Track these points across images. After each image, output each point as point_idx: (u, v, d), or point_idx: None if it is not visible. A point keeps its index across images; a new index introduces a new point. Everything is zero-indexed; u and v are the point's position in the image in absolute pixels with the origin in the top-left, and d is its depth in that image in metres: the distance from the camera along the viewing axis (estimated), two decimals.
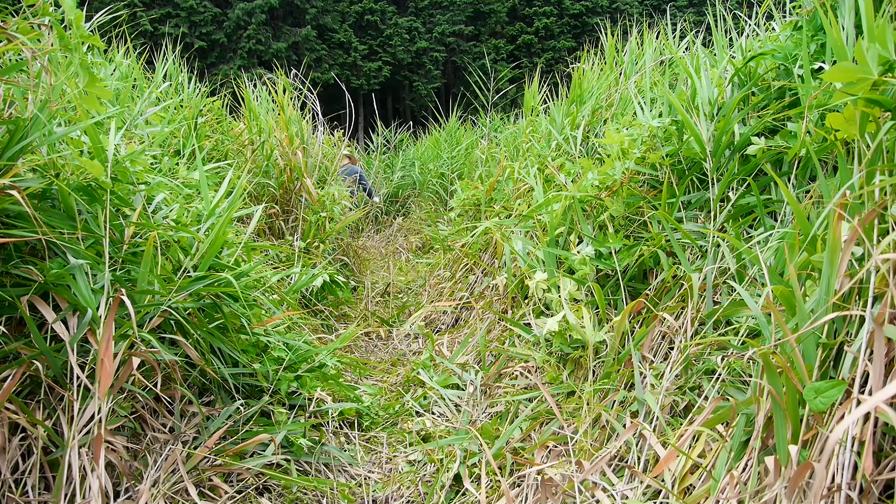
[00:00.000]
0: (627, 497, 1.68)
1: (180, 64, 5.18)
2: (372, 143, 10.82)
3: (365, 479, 2.40)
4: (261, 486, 2.21)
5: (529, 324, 2.79)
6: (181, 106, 4.42)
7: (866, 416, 1.17)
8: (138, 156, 2.41)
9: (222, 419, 2.29)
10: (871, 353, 1.21)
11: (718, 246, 2.17)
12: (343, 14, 25.47)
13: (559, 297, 2.52)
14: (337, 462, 2.47)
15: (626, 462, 1.82)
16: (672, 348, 2.13)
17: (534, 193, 3.55)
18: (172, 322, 2.15)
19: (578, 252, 2.63)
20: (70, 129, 2.10)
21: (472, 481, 2.14)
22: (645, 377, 2.04)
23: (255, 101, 5.65)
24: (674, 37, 4.09)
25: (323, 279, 4.08)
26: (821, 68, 2.24)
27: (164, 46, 5.01)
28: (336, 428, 2.75)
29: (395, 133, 10.61)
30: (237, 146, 5.20)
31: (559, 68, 7.39)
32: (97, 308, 1.86)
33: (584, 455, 1.95)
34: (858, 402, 1.19)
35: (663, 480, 1.62)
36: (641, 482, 1.69)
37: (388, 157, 9.95)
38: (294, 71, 6.60)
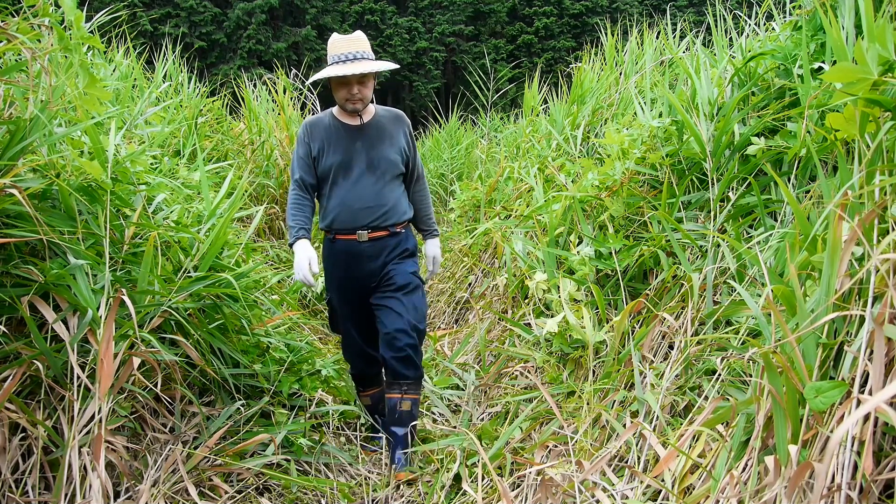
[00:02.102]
0: (627, 497, 1.68)
1: (180, 64, 5.18)
2: None
3: (365, 479, 2.40)
4: (261, 486, 2.21)
5: (529, 324, 2.79)
6: (181, 106, 4.42)
7: (866, 416, 1.17)
8: (138, 156, 2.41)
9: (223, 419, 2.29)
10: (871, 352, 1.21)
11: (718, 246, 2.17)
12: (343, 14, 25.48)
13: (559, 297, 2.52)
14: (337, 462, 2.47)
15: (626, 462, 1.82)
16: (672, 348, 2.13)
17: (534, 193, 3.55)
18: (173, 322, 2.15)
19: (578, 252, 2.64)
20: (70, 129, 2.10)
21: (471, 482, 2.14)
22: (645, 377, 2.04)
23: (255, 101, 5.65)
24: (674, 37, 4.09)
25: (322, 285, 4.07)
26: (821, 68, 2.24)
27: (164, 46, 5.02)
28: (336, 428, 2.75)
29: None
30: (237, 146, 5.20)
31: (559, 68, 7.38)
32: (97, 308, 1.86)
33: (584, 455, 1.95)
34: (858, 402, 1.19)
35: (663, 480, 1.62)
36: (641, 482, 1.69)
37: None
38: (294, 71, 6.60)
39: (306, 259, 2.41)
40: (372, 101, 2.56)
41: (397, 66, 2.56)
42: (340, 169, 2.49)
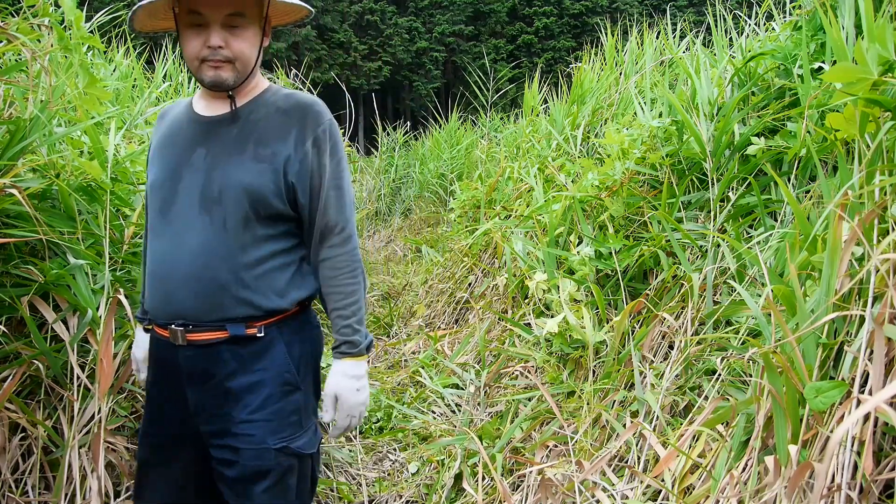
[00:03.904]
0: (627, 497, 1.68)
1: (180, 64, 5.18)
2: (373, 143, 10.85)
3: (365, 479, 2.40)
4: None
5: (529, 324, 2.79)
6: None
7: (866, 416, 1.17)
8: (138, 156, 2.41)
9: None
10: (871, 352, 1.21)
11: (718, 246, 2.18)
12: (343, 14, 25.52)
13: (559, 297, 2.52)
14: (337, 462, 2.47)
15: (626, 462, 1.82)
16: (672, 348, 2.13)
17: (534, 193, 3.55)
18: None
19: (578, 252, 2.64)
20: (70, 129, 2.10)
21: (472, 482, 2.14)
22: (645, 377, 2.04)
23: None
24: (674, 37, 4.09)
25: None
26: (821, 68, 2.24)
27: (164, 46, 5.01)
28: None
29: (396, 133, 10.63)
30: None
31: (559, 68, 7.38)
32: (97, 308, 1.86)
33: (585, 455, 1.95)
34: (858, 402, 1.19)
35: (663, 480, 1.62)
36: (641, 482, 1.69)
37: (389, 158, 9.99)
38: (294, 71, 6.59)
39: (134, 362, 1.56)
40: (277, 81, 1.53)
41: (307, 9, 1.43)
42: (157, 198, 1.37)
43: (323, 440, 1.37)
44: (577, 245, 2.74)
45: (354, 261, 1.40)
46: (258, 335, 1.35)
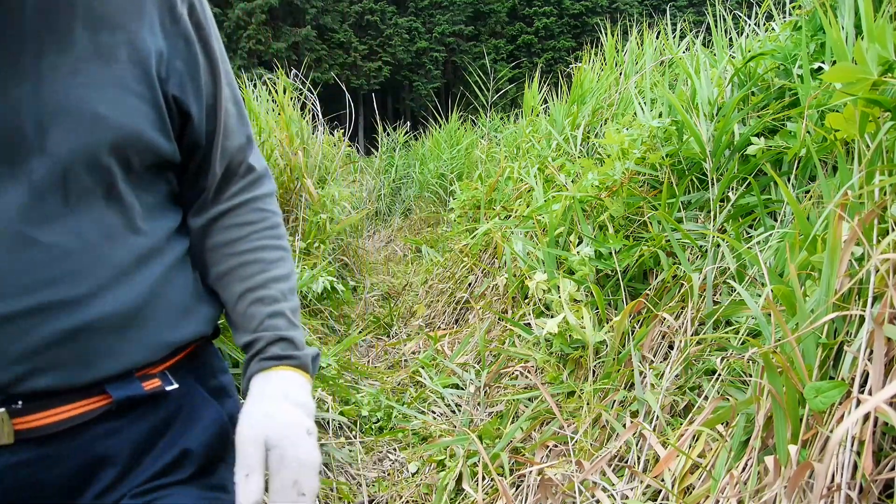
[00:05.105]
0: (627, 497, 1.68)
1: None
2: (373, 143, 10.87)
3: (365, 479, 2.41)
4: None
5: (529, 324, 2.79)
6: None
7: (866, 416, 1.17)
8: None
9: None
10: (871, 352, 1.21)
11: (718, 246, 2.18)
12: (343, 14, 25.54)
13: (559, 297, 2.52)
14: (337, 462, 2.47)
15: (626, 462, 1.82)
16: (672, 348, 2.13)
17: (534, 193, 3.55)
18: None
19: (578, 252, 2.64)
20: None
21: (472, 482, 2.14)
22: (645, 377, 2.04)
23: (255, 101, 5.65)
24: (674, 37, 4.09)
25: (323, 285, 4.05)
26: (820, 68, 2.24)
27: None
28: (336, 428, 2.75)
29: (396, 133, 10.63)
30: None
31: (559, 68, 7.38)
32: None
33: (585, 455, 1.95)
34: (858, 402, 1.19)
35: (663, 480, 1.62)
36: (641, 482, 1.69)
37: (389, 158, 9.99)
38: (294, 71, 6.60)
39: None
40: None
41: None
42: None
43: None
44: (577, 245, 2.74)
45: (276, 213, 0.85)
46: (166, 388, 0.76)
